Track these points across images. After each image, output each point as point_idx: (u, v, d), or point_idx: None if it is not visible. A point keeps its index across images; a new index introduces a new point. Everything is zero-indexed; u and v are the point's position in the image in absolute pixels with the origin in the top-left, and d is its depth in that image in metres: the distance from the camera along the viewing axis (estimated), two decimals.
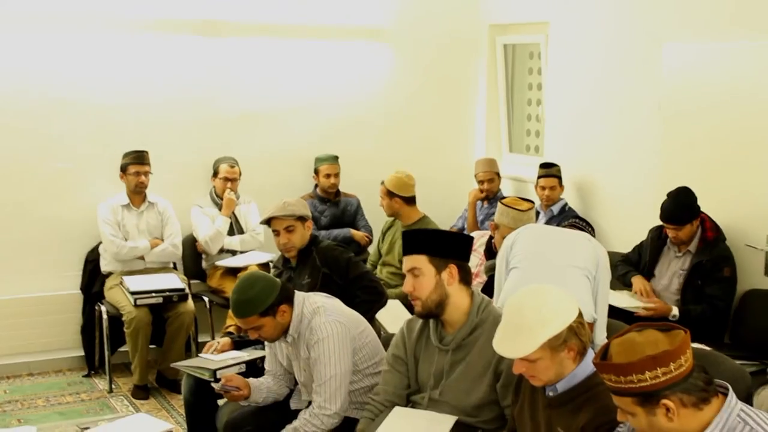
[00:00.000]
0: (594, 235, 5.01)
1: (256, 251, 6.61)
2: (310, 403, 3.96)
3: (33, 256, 6.48)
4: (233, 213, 6.73)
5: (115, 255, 6.31)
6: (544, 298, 2.87)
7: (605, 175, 6.52)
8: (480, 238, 5.67)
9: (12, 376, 6.40)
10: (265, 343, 4.15)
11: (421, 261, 3.43)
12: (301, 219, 4.87)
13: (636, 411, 2.41)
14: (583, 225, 4.94)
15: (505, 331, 2.87)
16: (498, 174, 7.11)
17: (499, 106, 7.79)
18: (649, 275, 5.49)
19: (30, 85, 6.36)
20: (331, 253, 4.95)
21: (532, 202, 5.30)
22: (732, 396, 2.42)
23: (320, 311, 3.89)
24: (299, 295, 3.96)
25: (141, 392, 6.07)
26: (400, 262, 5.93)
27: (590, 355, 2.88)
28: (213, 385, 4.09)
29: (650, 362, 2.34)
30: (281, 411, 4.09)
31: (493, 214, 6.80)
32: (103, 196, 6.42)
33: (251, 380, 4.11)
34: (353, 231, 7.06)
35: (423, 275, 3.42)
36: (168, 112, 6.77)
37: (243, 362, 4.42)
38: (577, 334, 2.85)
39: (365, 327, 4.06)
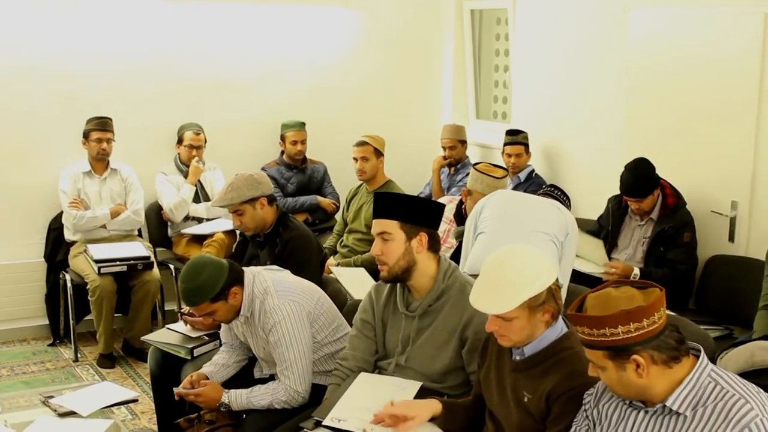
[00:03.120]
0: (570, 204, 5.00)
1: (222, 218, 6.55)
2: (272, 376, 3.95)
3: None
4: (198, 180, 6.67)
5: (74, 226, 6.24)
6: (527, 257, 2.85)
7: (572, 142, 6.53)
8: (448, 203, 5.66)
9: None
10: None
11: (392, 226, 3.40)
12: (249, 201, 4.71)
13: (606, 365, 2.44)
14: (559, 195, 4.93)
15: (485, 287, 2.83)
16: (462, 141, 7.10)
17: (466, 72, 7.76)
18: (612, 245, 5.51)
19: None
20: (293, 243, 4.73)
21: (506, 169, 5.29)
22: (704, 357, 2.46)
23: (271, 291, 3.82)
24: (248, 273, 3.88)
25: (106, 361, 6.04)
26: (367, 227, 6.01)
27: (560, 320, 2.89)
28: (174, 389, 4.02)
29: (624, 316, 2.37)
30: (245, 379, 4.07)
31: (459, 180, 6.88)
32: (66, 162, 6.34)
33: (210, 371, 4.04)
34: (320, 198, 7.03)
35: (393, 240, 3.39)
36: (133, 79, 6.68)
37: (218, 339, 4.39)
38: (554, 297, 2.85)
39: (319, 295, 4.01)
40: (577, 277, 4.83)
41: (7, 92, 6.32)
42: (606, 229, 5.57)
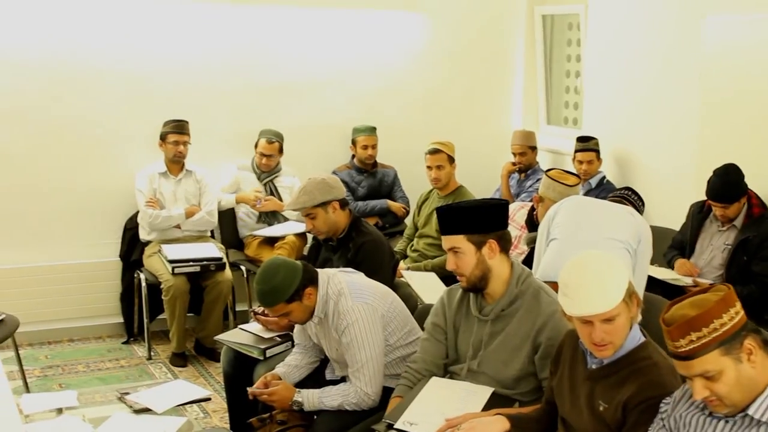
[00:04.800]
0: (643, 206, 4.94)
1: (293, 221, 6.63)
2: (344, 377, 3.99)
3: (74, 223, 6.55)
4: (273, 183, 6.75)
5: (150, 224, 6.37)
6: (603, 256, 2.86)
7: (644, 149, 6.46)
8: (520, 209, 5.65)
9: (53, 341, 6.50)
10: None
11: (459, 240, 3.41)
12: (321, 205, 4.75)
13: (723, 366, 2.41)
14: (634, 198, 4.87)
15: (579, 291, 2.78)
16: (532, 147, 7.07)
17: (537, 77, 7.74)
18: (690, 250, 5.43)
19: (70, 54, 6.39)
20: (366, 248, 4.76)
21: (578, 176, 5.25)
22: None
23: (345, 293, 3.87)
24: (323, 275, 3.93)
25: (179, 359, 6.15)
26: (437, 232, 6.02)
27: (636, 327, 2.87)
28: (248, 389, 4.09)
29: (722, 305, 2.41)
30: (316, 380, 4.12)
31: (529, 187, 6.86)
32: (143, 163, 6.48)
33: (283, 371, 4.11)
34: (390, 202, 7.08)
35: (463, 254, 3.41)
36: (207, 82, 6.79)
37: (290, 340, 4.44)
38: (632, 300, 2.84)
39: (392, 298, 4.04)
40: (652, 286, 4.77)
41: (86, 94, 6.47)
42: (685, 236, 5.48)
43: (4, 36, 6.22)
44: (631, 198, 4.87)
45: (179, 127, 6.36)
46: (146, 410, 5.08)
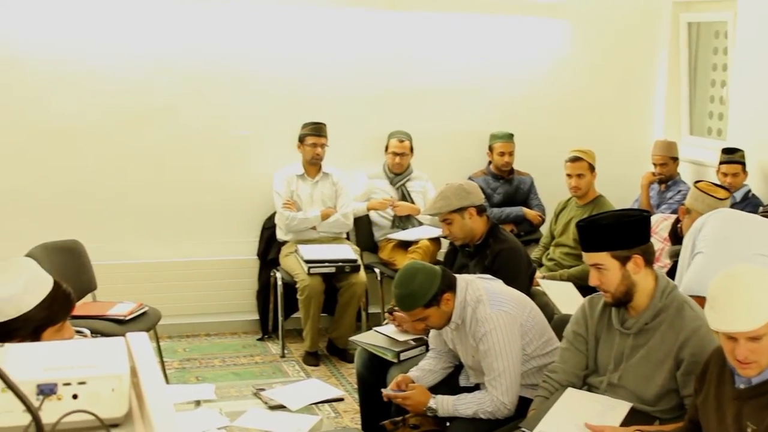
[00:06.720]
0: None
1: (427, 226, 6.64)
2: (478, 385, 3.97)
3: (215, 221, 6.72)
4: (405, 187, 6.78)
5: (286, 226, 6.48)
6: (758, 273, 2.75)
7: None
8: (663, 221, 5.51)
9: (191, 335, 6.68)
10: None
11: (603, 257, 3.34)
12: (458, 211, 4.74)
13: None
14: None
15: (727, 306, 2.69)
16: (674, 158, 6.89)
17: (680, 86, 7.54)
18: None
19: (215, 56, 6.57)
20: (503, 255, 4.71)
21: (728, 189, 5.08)
22: None
23: (484, 300, 3.84)
24: (461, 281, 3.91)
25: (312, 358, 6.22)
26: (575, 241, 5.95)
27: None
28: (382, 390, 4.11)
29: None
30: (449, 386, 4.11)
31: (670, 198, 6.68)
32: (281, 164, 6.60)
33: (417, 375, 4.12)
34: (526, 209, 7.01)
35: (608, 270, 3.33)
36: (345, 85, 6.87)
37: (425, 344, 4.45)
38: None
39: (531, 307, 4.00)
40: None
41: (231, 95, 6.63)
42: None
43: (156, 39, 6.44)
44: None
45: (317, 130, 6.46)
46: (281, 407, 5.20)
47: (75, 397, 1.75)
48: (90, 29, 6.32)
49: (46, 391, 1.74)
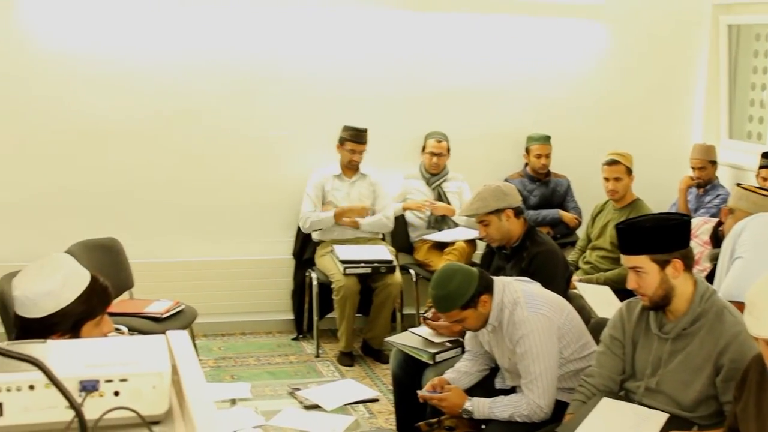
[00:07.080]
0: None
1: (463, 227, 6.63)
2: (514, 387, 3.95)
3: (252, 220, 6.74)
4: (441, 188, 6.77)
5: (302, 228, 6.51)
6: None
7: None
8: (703, 224, 5.46)
9: (226, 334, 6.71)
10: None
11: (642, 261, 3.32)
12: (495, 212, 4.74)
13: None
14: None
15: (765, 312, 2.65)
16: (713, 162, 6.82)
17: (719, 89, 7.46)
18: None
19: (253, 58, 6.59)
20: (540, 258, 4.71)
21: None
22: None
23: (521, 302, 3.82)
24: (498, 283, 3.90)
25: (346, 359, 6.23)
26: (612, 244, 5.92)
27: None
28: (418, 392, 4.11)
29: None
30: (485, 388, 4.10)
31: (708, 202, 6.62)
32: (319, 163, 6.63)
33: (452, 377, 4.11)
34: (562, 212, 6.98)
35: (646, 273, 3.31)
36: (382, 87, 6.86)
37: (460, 346, 4.44)
38: None
39: (569, 310, 3.98)
40: None
41: (271, 96, 6.65)
42: None
43: (195, 41, 6.47)
44: None
45: (357, 137, 6.46)
46: (316, 407, 5.22)
47: (116, 393, 1.76)
48: (133, 33, 6.36)
49: (89, 387, 1.74)
